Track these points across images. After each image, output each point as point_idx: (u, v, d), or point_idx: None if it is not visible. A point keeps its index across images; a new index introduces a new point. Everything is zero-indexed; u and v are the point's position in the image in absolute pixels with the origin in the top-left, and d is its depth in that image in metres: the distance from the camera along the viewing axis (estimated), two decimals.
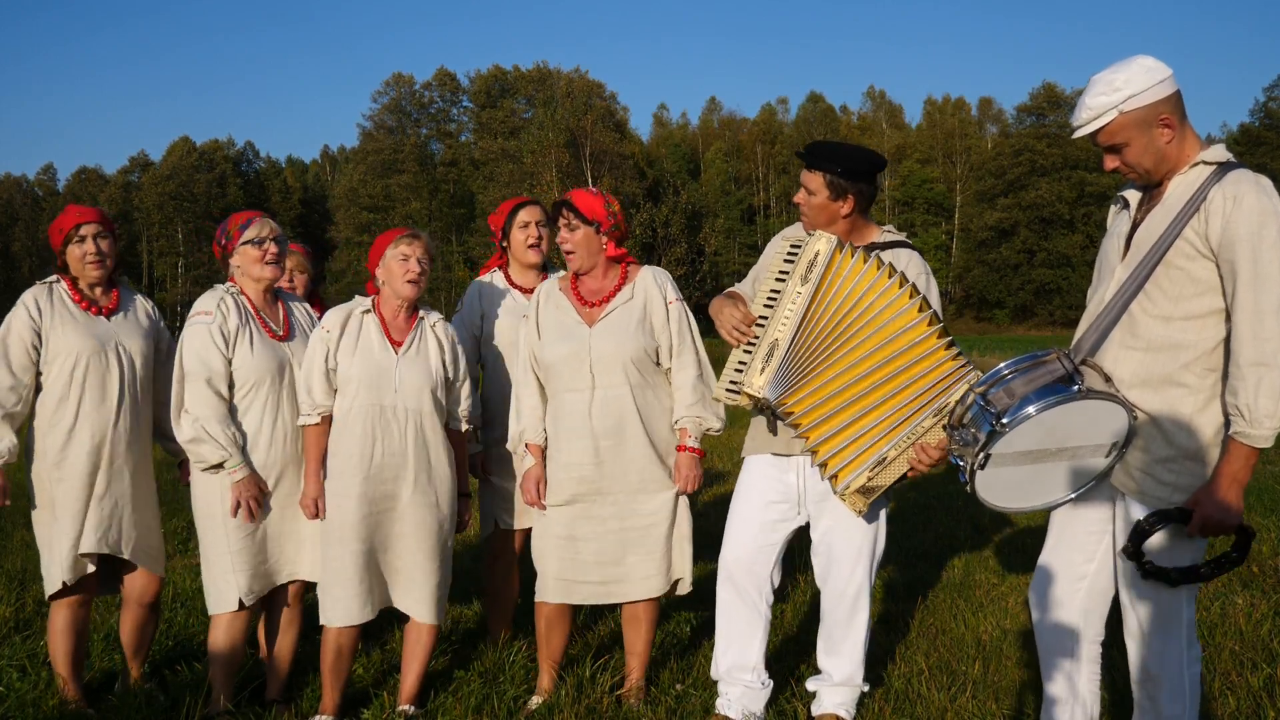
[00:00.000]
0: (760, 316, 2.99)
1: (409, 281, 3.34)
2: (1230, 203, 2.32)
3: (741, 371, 2.99)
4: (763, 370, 2.95)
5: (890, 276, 2.87)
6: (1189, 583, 2.46)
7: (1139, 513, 2.47)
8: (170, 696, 3.44)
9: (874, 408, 2.87)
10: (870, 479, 2.90)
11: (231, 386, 3.33)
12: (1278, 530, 5.77)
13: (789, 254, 3.00)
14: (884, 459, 2.88)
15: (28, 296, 3.43)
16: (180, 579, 5.08)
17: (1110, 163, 2.52)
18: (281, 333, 3.45)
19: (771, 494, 3.16)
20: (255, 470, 3.32)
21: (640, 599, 3.40)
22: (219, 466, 3.28)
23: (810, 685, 3.28)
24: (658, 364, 3.40)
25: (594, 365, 3.31)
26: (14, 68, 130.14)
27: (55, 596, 3.43)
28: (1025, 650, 3.88)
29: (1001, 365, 2.50)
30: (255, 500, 3.30)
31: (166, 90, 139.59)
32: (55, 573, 3.39)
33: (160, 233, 68.69)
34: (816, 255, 2.92)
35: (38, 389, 3.41)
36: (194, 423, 3.27)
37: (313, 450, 3.37)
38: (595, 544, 3.34)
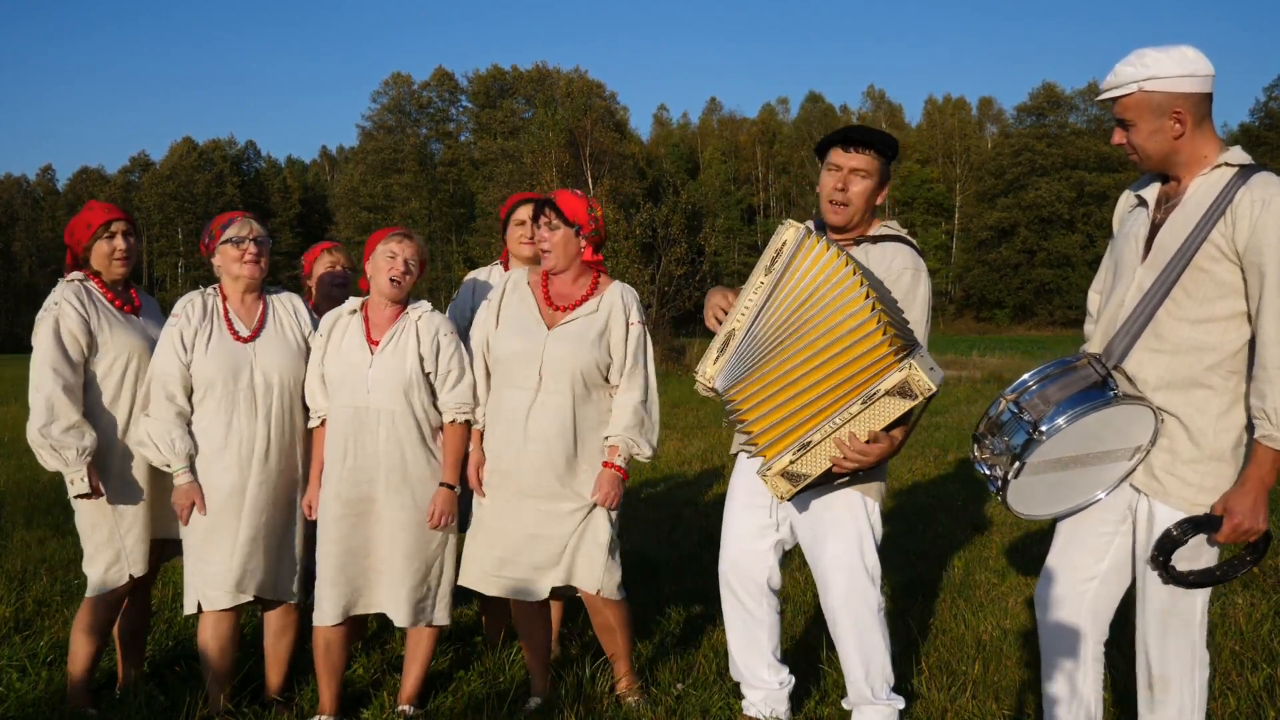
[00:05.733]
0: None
1: (391, 278, 3.32)
2: (1259, 206, 2.31)
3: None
4: (716, 360, 2.92)
5: (847, 265, 2.75)
6: (1205, 585, 2.47)
7: (1162, 513, 2.47)
8: (170, 696, 3.44)
9: (805, 390, 2.75)
10: (793, 462, 2.75)
11: (192, 391, 3.34)
12: (1278, 530, 5.77)
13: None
14: (808, 443, 2.73)
15: (67, 293, 3.36)
16: (180, 579, 5.08)
17: (1118, 136, 2.52)
18: (248, 333, 3.40)
19: (757, 499, 3.11)
20: (196, 479, 3.30)
21: (538, 598, 3.35)
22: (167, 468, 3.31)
23: (844, 705, 3.18)
24: (605, 380, 3.36)
25: (544, 368, 3.27)
26: (14, 68, 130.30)
27: (95, 594, 3.41)
28: (1025, 650, 3.88)
29: (1026, 376, 2.48)
30: (188, 508, 3.29)
31: (166, 90, 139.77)
32: (134, 567, 3.40)
33: (160, 233, 68.68)
34: (783, 245, 2.85)
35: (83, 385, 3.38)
36: (140, 425, 3.31)
37: (316, 452, 3.39)
38: (513, 541, 3.31)
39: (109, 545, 3.39)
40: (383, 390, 3.29)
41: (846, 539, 2.97)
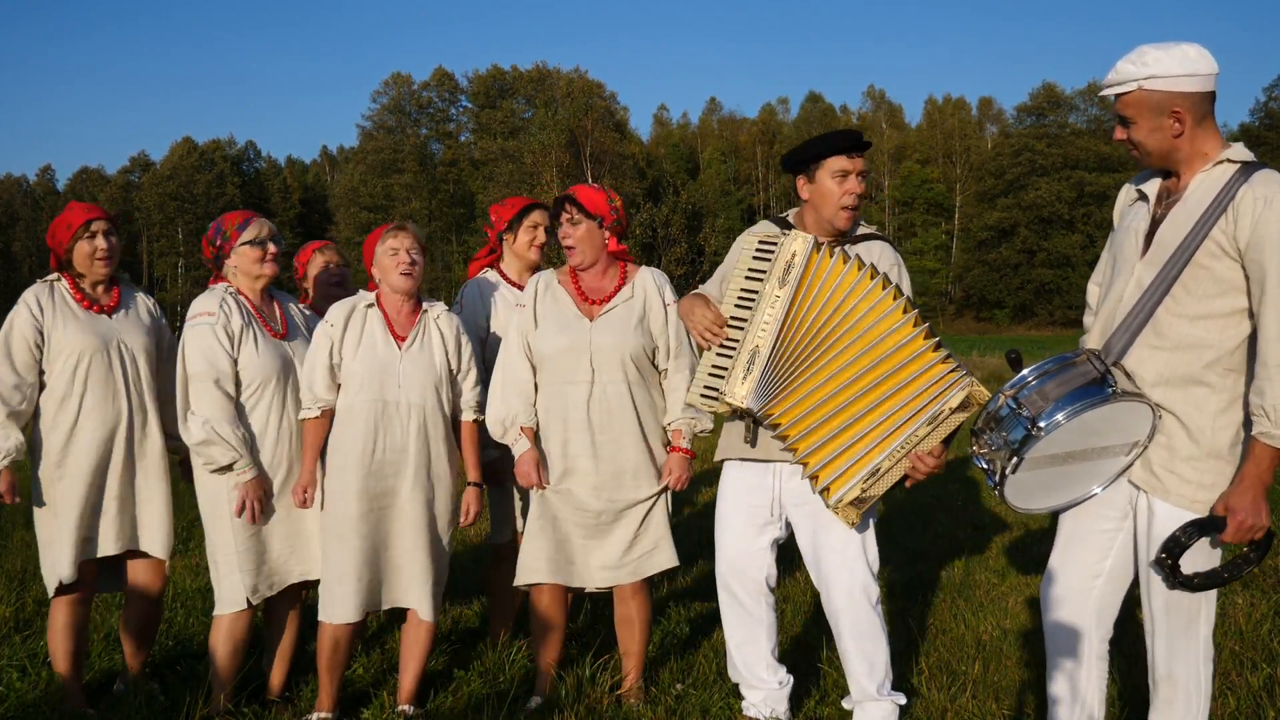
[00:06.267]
0: (732, 318, 2.92)
1: (402, 274, 3.34)
2: (1261, 204, 2.31)
3: (719, 377, 2.90)
4: (744, 379, 2.85)
5: (873, 278, 2.79)
6: (1211, 587, 2.47)
7: (1162, 510, 2.48)
8: (170, 696, 3.44)
9: (864, 415, 2.78)
10: (864, 490, 2.80)
11: (238, 386, 3.33)
12: (1278, 530, 5.76)
13: (759, 252, 2.92)
14: (878, 470, 2.78)
15: (29, 295, 3.42)
16: (180, 579, 5.08)
17: (1119, 133, 2.53)
18: (282, 331, 3.46)
19: (752, 498, 3.13)
20: (263, 471, 3.32)
21: (626, 582, 3.39)
22: (228, 468, 3.27)
23: (845, 704, 3.21)
24: (653, 364, 3.41)
25: (594, 359, 3.31)
26: (14, 68, 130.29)
27: (57, 594, 3.42)
28: (1025, 650, 3.88)
29: (1026, 371, 2.48)
30: (260, 501, 3.29)
31: (166, 90, 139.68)
32: (59, 571, 3.37)
33: (160, 233, 68.67)
34: (794, 256, 2.84)
35: (41, 387, 3.40)
36: (204, 425, 3.24)
37: (310, 442, 3.37)
38: (585, 532, 3.33)
39: (47, 548, 3.42)
40: (414, 385, 3.31)
41: (848, 532, 3.00)
